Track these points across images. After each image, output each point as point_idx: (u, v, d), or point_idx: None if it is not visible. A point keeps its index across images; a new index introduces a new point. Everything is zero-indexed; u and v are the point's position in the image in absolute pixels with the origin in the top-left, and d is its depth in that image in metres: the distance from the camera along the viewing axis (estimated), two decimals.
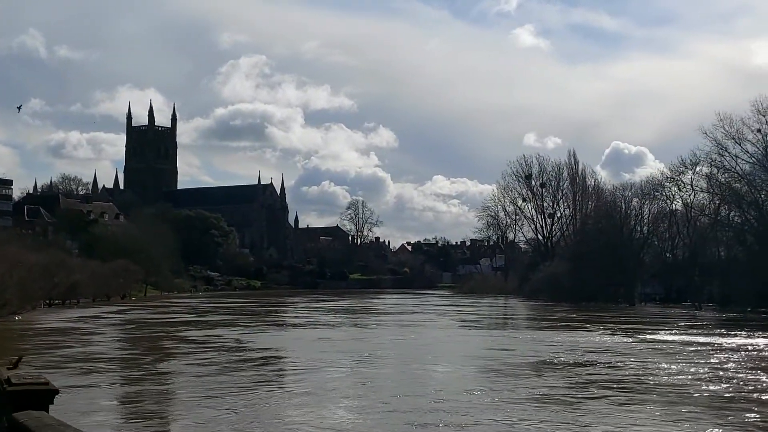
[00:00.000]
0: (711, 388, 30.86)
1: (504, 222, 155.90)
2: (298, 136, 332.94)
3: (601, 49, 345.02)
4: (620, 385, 31.69)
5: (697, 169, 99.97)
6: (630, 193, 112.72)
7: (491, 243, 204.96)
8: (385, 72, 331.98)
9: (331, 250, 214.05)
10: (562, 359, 41.32)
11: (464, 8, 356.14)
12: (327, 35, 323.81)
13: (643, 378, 33.97)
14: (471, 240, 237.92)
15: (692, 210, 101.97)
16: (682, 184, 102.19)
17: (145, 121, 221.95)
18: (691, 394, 29.38)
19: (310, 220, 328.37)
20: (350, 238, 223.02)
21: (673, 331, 62.85)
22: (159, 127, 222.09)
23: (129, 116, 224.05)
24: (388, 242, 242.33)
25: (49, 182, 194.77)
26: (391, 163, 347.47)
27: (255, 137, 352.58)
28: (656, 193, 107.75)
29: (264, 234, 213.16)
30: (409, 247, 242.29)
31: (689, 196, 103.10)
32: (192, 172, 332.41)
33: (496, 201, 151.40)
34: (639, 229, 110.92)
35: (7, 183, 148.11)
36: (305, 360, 42.33)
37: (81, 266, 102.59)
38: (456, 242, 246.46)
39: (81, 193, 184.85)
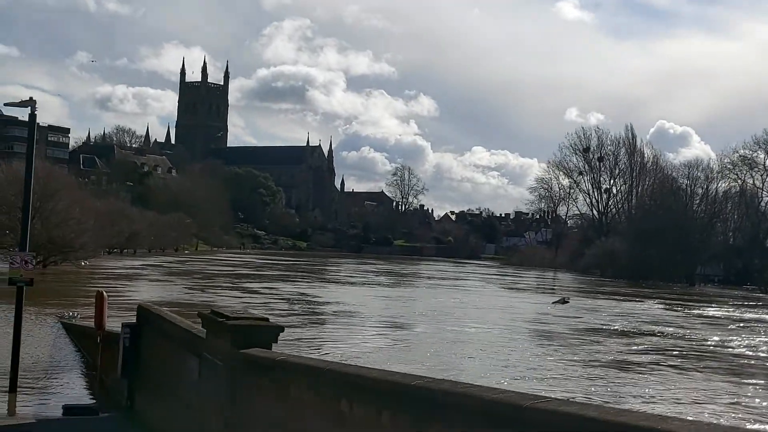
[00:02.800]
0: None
1: (557, 195, 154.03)
2: (339, 101, 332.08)
3: (649, 25, 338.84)
4: (680, 354, 31.64)
5: None
6: (698, 172, 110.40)
7: (537, 216, 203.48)
8: (426, 39, 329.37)
9: (375, 216, 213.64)
10: (622, 328, 41.39)
11: None
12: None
13: (703, 348, 34.12)
14: (516, 212, 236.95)
15: (763, 192, 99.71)
16: (755, 164, 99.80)
17: (190, 79, 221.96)
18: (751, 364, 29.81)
19: (349, 184, 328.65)
20: (394, 204, 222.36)
21: (733, 309, 62.49)
22: (212, 84, 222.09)
23: (182, 72, 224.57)
24: (432, 210, 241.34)
25: (102, 133, 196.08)
26: (431, 132, 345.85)
27: (296, 100, 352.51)
28: (724, 173, 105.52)
29: (310, 196, 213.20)
30: (453, 217, 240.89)
31: (762, 177, 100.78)
32: (235, 131, 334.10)
33: (551, 173, 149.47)
34: (703, 208, 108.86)
35: (65, 131, 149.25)
36: (377, 313, 42.37)
37: (139, 216, 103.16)
38: (500, 214, 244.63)
39: (134, 145, 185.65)
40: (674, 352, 31.85)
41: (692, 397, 22.38)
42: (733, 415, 19.86)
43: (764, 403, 22.20)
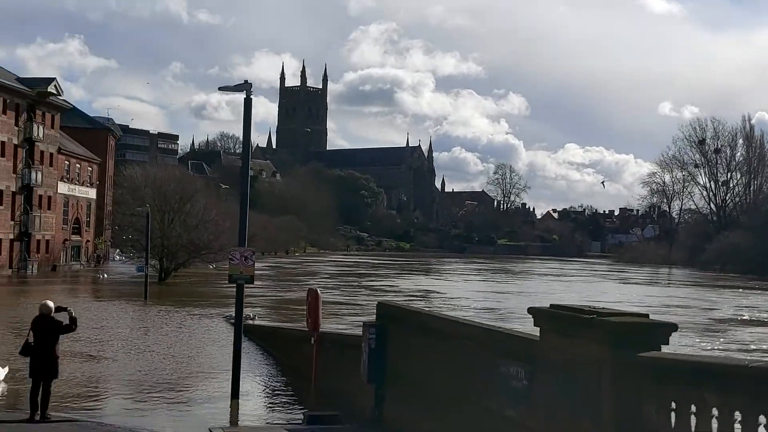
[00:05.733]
0: None
1: (670, 190, 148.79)
2: (428, 102, 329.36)
3: (745, 14, 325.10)
4: None
5: None
6: None
7: (642, 213, 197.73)
8: (513, 37, 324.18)
9: (477, 215, 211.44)
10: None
11: None
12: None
13: None
14: (620, 209, 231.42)
15: None
16: None
17: (278, 86, 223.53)
18: None
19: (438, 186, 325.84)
20: (495, 203, 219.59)
21: None
22: (311, 88, 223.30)
23: (282, 77, 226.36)
24: (533, 208, 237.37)
25: (206, 140, 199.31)
26: (523, 130, 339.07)
27: (385, 102, 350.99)
28: None
29: (410, 196, 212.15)
30: (556, 215, 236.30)
31: None
32: (328, 135, 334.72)
33: (663, 167, 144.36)
34: None
35: (173, 138, 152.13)
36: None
37: (254, 219, 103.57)
38: (604, 211, 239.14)
39: (237, 151, 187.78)
40: None
41: None
42: None
43: None
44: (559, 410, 8.79)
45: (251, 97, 16.58)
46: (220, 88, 17.59)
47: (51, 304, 13.84)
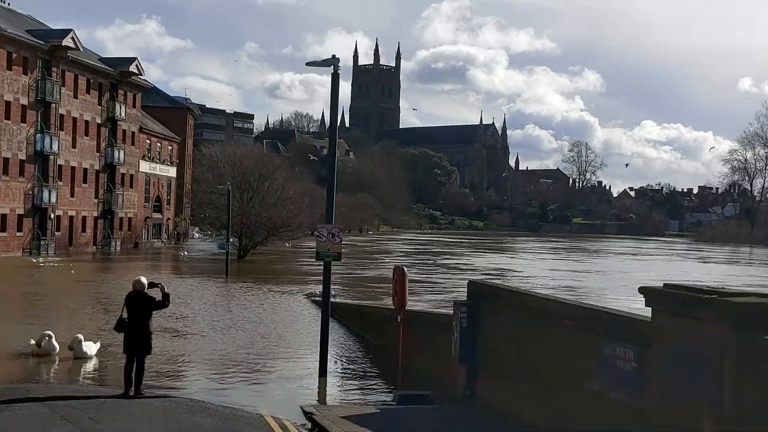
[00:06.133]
0: None
1: (752, 167, 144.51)
2: (501, 79, 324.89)
3: None
4: None
5: None
6: None
7: (722, 190, 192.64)
8: (588, 13, 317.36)
9: (552, 193, 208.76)
10: None
11: None
12: None
13: None
14: (699, 187, 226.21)
15: None
16: None
17: (350, 63, 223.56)
18: None
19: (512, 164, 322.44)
20: (570, 181, 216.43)
21: None
22: (383, 66, 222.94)
23: (355, 55, 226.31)
24: (609, 187, 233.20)
25: (280, 119, 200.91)
26: (598, 107, 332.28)
27: (457, 80, 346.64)
28: None
29: (484, 174, 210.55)
30: (632, 193, 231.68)
31: None
32: (401, 113, 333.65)
33: (745, 144, 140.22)
34: None
35: (249, 117, 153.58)
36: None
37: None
38: (682, 189, 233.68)
39: (311, 130, 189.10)
40: None
41: None
42: None
43: None
44: (674, 394, 8.39)
45: (338, 72, 16.38)
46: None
47: (144, 280, 13.91)
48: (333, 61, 16.22)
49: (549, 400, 11.59)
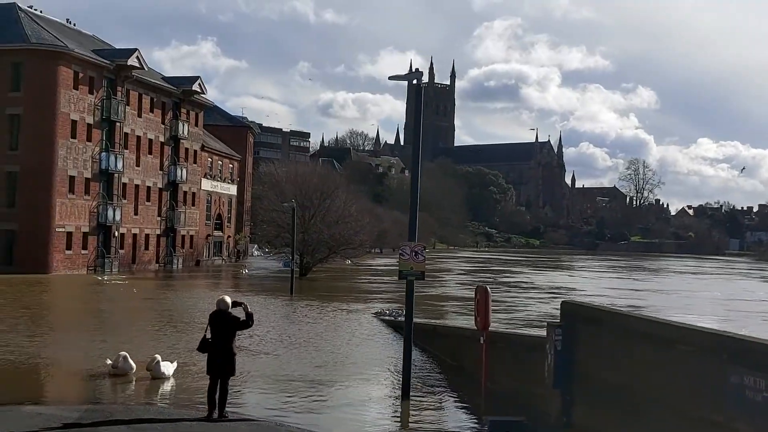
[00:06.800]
0: None
1: None
2: (554, 97, 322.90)
3: None
4: None
5: None
6: None
7: None
8: (641, 29, 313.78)
9: (609, 211, 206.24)
10: None
11: None
12: None
13: None
14: (760, 205, 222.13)
15: None
16: None
17: (405, 83, 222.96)
18: None
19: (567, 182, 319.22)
20: (628, 199, 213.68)
21: None
22: (439, 84, 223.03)
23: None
24: (667, 205, 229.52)
25: (335, 137, 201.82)
26: (653, 124, 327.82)
27: (510, 98, 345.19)
28: None
29: (540, 192, 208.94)
30: (691, 211, 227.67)
31: None
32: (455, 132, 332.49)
33: None
34: None
35: (305, 135, 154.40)
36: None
37: (385, 215, 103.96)
38: (741, 207, 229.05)
39: (367, 148, 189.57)
40: None
41: None
42: None
43: None
44: None
45: (422, 86, 15.97)
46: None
47: (228, 299, 13.58)
48: (416, 75, 15.88)
49: (656, 431, 10.93)
